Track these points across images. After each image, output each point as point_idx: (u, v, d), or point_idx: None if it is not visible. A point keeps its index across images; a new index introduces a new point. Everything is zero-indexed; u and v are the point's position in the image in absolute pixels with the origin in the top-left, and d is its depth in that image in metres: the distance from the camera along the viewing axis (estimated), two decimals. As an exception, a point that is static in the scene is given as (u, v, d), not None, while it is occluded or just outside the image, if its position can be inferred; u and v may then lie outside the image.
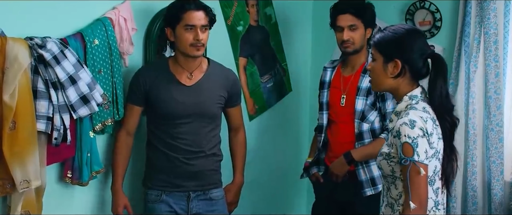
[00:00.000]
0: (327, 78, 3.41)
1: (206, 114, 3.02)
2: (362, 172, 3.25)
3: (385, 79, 2.34)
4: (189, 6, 2.92)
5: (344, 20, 3.23)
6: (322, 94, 3.41)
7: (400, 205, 2.28)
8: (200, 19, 2.92)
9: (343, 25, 3.23)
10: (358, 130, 3.24)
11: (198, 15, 2.92)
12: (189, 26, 2.91)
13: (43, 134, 2.58)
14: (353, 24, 3.22)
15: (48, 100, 2.55)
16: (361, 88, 3.24)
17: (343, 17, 3.23)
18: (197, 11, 2.92)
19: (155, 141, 3.03)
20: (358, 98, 3.24)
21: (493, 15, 3.50)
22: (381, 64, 2.33)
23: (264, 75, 4.02)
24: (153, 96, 2.98)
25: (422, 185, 2.20)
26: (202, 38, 2.93)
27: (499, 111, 3.54)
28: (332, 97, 3.36)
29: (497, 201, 3.56)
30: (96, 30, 2.81)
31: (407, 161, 2.19)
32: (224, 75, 3.13)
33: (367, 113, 3.23)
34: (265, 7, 4.00)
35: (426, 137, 2.22)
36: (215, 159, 3.11)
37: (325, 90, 3.40)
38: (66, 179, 2.81)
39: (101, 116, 2.87)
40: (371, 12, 3.30)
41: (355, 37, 3.23)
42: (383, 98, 3.21)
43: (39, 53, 2.49)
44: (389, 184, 2.34)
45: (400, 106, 2.34)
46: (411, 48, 2.31)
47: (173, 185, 3.02)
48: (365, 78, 3.23)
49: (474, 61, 3.60)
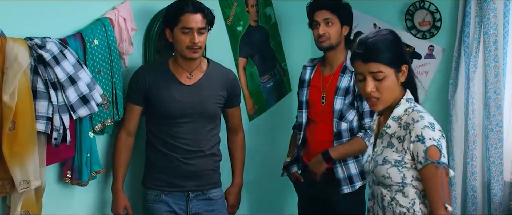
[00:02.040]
0: (307, 77, 3.45)
1: (205, 113, 3.02)
2: (340, 170, 3.29)
3: (397, 90, 2.26)
4: (187, 8, 2.90)
5: (320, 15, 3.29)
6: (302, 93, 3.45)
7: (416, 212, 2.22)
8: (197, 22, 2.90)
9: (318, 19, 3.29)
10: (336, 129, 3.28)
11: (195, 18, 2.90)
12: (186, 28, 2.90)
13: (42, 134, 2.58)
14: (328, 17, 3.27)
15: (48, 100, 2.55)
16: (340, 88, 3.28)
17: (319, 13, 3.29)
18: (194, 14, 2.90)
19: (154, 140, 3.03)
20: (336, 98, 3.28)
21: (493, 15, 3.50)
22: (394, 76, 2.22)
23: (263, 75, 4.02)
24: (152, 96, 2.98)
25: (448, 187, 2.19)
26: (199, 41, 2.91)
27: (498, 111, 3.54)
28: (312, 96, 3.41)
29: (497, 201, 3.56)
30: (96, 30, 2.81)
31: (440, 164, 2.14)
32: (224, 75, 3.13)
33: (345, 113, 3.27)
34: (264, 7, 4.00)
35: (444, 138, 2.20)
36: (215, 159, 3.11)
37: (305, 88, 3.44)
38: (65, 179, 2.80)
39: (101, 117, 2.87)
40: (347, 10, 3.35)
41: (331, 32, 3.28)
42: (361, 97, 3.24)
43: (39, 53, 2.49)
44: (394, 193, 2.24)
45: (397, 111, 2.25)
46: (405, 50, 2.31)
47: (172, 185, 3.02)
48: (344, 78, 3.29)
49: (474, 61, 3.60)
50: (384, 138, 2.30)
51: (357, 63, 2.22)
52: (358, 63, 2.22)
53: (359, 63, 2.21)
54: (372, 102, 2.23)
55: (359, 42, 2.23)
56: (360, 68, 2.21)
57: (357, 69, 2.23)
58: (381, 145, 2.31)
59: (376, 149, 2.33)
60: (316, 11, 3.30)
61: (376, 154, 2.30)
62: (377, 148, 2.32)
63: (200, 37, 2.92)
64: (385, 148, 2.27)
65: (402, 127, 2.22)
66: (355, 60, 2.22)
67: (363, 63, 2.19)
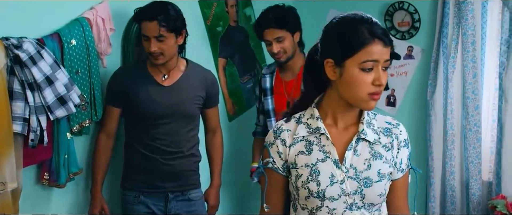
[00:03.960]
0: (268, 85, 3.43)
1: (184, 114, 3.01)
2: None
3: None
4: (143, 16, 2.85)
5: (270, 34, 3.24)
6: (266, 101, 3.43)
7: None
8: (153, 30, 2.82)
9: (270, 39, 3.24)
10: None
11: (150, 27, 2.83)
12: (144, 36, 2.87)
13: (19, 136, 2.54)
14: (279, 36, 3.23)
15: (24, 101, 2.52)
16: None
17: (268, 32, 3.24)
18: (150, 22, 2.82)
19: (133, 142, 3.01)
20: None
21: (471, 16, 3.52)
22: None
23: (243, 75, 4.01)
24: (131, 97, 2.96)
25: None
26: (157, 49, 2.85)
27: (477, 112, 3.57)
28: (277, 103, 3.39)
29: (475, 200, 3.59)
30: (74, 30, 2.78)
31: (412, 168, 1.97)
32: (203, 75, 3.11)
33: None
34: (244, 8, 3.99)
35: None
36: (194, 159, 3.10)
37: (268, 97, 3.42)
38: (43, 181, 2.77)
39: (79, 117, 2.84)
40: (293, 16, 3.29)
41: (285, 47, 3.26)
42: None
43: (15, 53, 2.46)
44: (373, 211, 1.90)
45: (365, 115, 1.92)
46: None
47: (152, 186, 3.01)
48: None
49: (452, 62, 3.63)
50: (359, 147, 1.88)
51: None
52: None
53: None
54: None
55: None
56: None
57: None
58: (359, 157, 1.87)
59: (351, 163, 1.87)
60: (265, 29, 3.23)
61: (358, 170, 1.86)
62: (353, 162, 1.86)
63: (161, 45, 2.85)
64: (372, 160, 1.87)
65: (382, 133, 1.91)
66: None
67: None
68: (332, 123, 1.91)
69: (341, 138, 1.89)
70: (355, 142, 1.88)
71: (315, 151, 1.88)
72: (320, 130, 1.88)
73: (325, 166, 1.86)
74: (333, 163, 1.86)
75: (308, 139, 1.90)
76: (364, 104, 1.82)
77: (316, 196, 1.85)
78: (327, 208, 1.86)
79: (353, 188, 1.85)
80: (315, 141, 1.89)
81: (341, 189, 1.84)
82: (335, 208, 1.86)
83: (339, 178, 1.85)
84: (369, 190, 1.85)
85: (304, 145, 1.90)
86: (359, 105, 1.84)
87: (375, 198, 1.86)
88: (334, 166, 1.86)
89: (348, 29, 1.82)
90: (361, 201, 1.86)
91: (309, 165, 1.87)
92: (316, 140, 1.89)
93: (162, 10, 2.83)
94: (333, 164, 1.86)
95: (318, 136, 1.89)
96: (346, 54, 1.80)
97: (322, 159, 1.87)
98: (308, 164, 1.87)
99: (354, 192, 1.85)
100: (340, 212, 1.86)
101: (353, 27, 1.82)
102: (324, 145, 1.88)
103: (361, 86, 1.79)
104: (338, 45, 1.82)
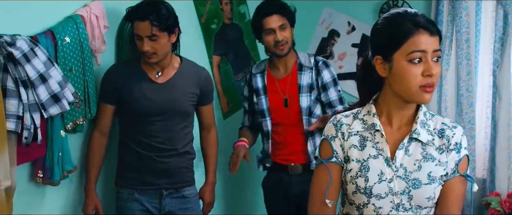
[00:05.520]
0: (260, 84, 3.39)
1: (178, 111, 3.01)
2: (309, 145, 3.28)
3: None
4: (135, 15, 2.84)
5: (274, 21, 3.20)
6: (260, 101, 3.38)
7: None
8: (145, 30, 2.81)
9: (274, 26, 3.20)
10: (307, 126, 3.28)
11: (142, 27, 2.82)
12: (137, 35, 2.87)
13: (13, 134, 2.53)
14: (282, 23, 3.21)
15: (18, 99, 2.51)
16: (303, 86, 3.28)
17: (271, 19, 3.20)
18: (142, 22, 2.81)
19: (127, 139, 3.01)
20: (301, 96, 3.27)
21: (465, 14, 3.53)
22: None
23: (238, 73, 4.01)
24: (125, 94, 2.95)
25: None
26: (149, 49, 2.84)
27: (471, 109, 3.58)
28: (273, 102, 3.36)
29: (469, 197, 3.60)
30: (67, 28, 2.78)
31: (467, 178, 1.89)
32: (197, 72, 3.11)
33: (313, 108, 3.28)
34: (239, 5, 3.99)
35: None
36: (188, 157, 3.10)
37: (262, 96, 3.38)
38: (37, 179, 2.76)
39: (73, 115, 2.84)
40: (293, 12, 3.30)
41: (288, 36, 3.24)
42: (324, 88, 3.26)
43: (9, 51, 2.45)
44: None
45: (420, 114, 1.90)
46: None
47: (146, 183, 3.00)
48: (303, 75, 3.28)
49: (446, 59, 3.64)
50: (411, 147, 1.87)
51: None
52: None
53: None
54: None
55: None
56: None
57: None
58: (410, 157, 1.86)
59: (401, 163, 1.86)
60: (267, 17, 3.19)
61: (407, 170, 1.85)
62: (403, 162, 1.86)
63: (154, 44, 2.84)
64: (423, 162, 1.85)
65: (437, 135, 1.88)
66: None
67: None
68: (386, 121, 1.91)
69: (394, 136, 1.89)
70: (407, 142, 1.86)
71: (368, 147, 1.89)
72: (375, 126, 1.89)
73: (376, 163, 1.86)
74: (384, 161, 1.86)
75: (362, 135, 1.91)
76: (417, 97, 1.79)
77: (363, 192, 1.86)
78: (373, 206, 1.86)
79: (401, 188, 1.84)
80: (369, 137, 1.90)
81: (388, 188, 1.84)
82: (381, 207, 1.85)
83: (388, 177, 1.85)
84: (417, 191, 1.83)
85: (358, 140, 1.91)
86: (412, 99, 1.82)
87: (423, 201, 1.84)
88: (384, 163, 1.86)
89: (393, 23, 1.83)
90: (408, 202, 1.84)
91: (360, 160, 1.89)
92: (370, 136, 1.90)
93: (154, 10, 2.81)
94: (384, 162, 1.86)
95: (373, 133, 1.90)
96: (392, 48, 1.80)
97: (374, 155, 1.87)
98: (359, 159, 1.89)
99: (402, 192, 1.84)
100: (386, 211, 1.85)
101: (397, 21, 1.82)
102: (378, 142, 1.89)
103: (410, 79, 1.77)
104: (384, 40, 1.83)
